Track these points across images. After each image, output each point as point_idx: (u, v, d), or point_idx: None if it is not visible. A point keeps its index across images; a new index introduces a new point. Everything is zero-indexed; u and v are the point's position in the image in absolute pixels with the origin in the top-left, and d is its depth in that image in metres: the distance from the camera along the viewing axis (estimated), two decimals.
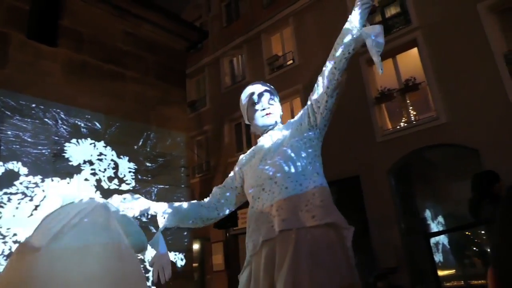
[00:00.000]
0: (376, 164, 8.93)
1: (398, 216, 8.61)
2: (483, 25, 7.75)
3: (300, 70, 11.02)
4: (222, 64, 13.68)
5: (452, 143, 8.14)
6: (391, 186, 8.84)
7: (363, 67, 9.71)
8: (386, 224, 8.47)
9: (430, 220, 10.10)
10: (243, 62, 13.20)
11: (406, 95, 9.25)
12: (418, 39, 8.84)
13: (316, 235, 1.33)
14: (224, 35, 13.73)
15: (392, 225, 8.48)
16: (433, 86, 8.49)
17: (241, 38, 13.03)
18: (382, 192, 8.76)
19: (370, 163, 9.03)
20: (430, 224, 9.98)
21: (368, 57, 10.23)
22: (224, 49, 13.57)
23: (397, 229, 8.46)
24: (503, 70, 7.38)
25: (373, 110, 9.32)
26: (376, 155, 9.00)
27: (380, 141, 9.08)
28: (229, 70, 13.78)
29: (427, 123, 8.54)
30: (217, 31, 13.87)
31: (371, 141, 9.15)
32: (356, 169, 9.23)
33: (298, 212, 1.40)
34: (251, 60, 12.66)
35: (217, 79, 13.63)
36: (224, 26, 13.98)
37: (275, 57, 12.15)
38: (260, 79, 10.20)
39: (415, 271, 7.98)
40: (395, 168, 8.93)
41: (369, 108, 9.36)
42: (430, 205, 10.34)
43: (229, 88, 13.26)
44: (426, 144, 8.51)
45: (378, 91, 9.52)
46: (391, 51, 9.43)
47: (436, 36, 8.56)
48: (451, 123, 8.05)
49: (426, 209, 10.16)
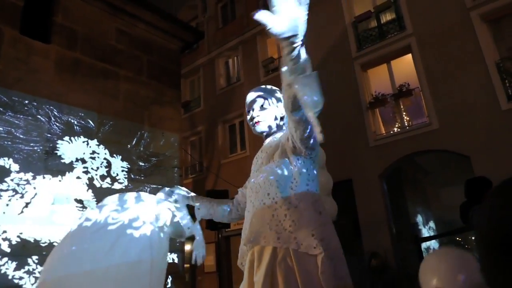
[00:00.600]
0: (368, 168, 8.98)
1: (389, 220, 8.66)
2: (476, 33, 7.85)
3: None
4: (217, 65, 13.68)
5: (444, 149, 8.22)
6: (383, 190, 8.89)
7: (357, 71, 9.78)
8: (377, 228, 8.52)
9: (421, 225, 10.18)
10: (239, 64, 13.21)
11: (399, 101, 9.33)
12: (412, 45, 8.92)
13: (284, 256, 1.34)
14: (219, 36, 13.74)
15: (383, 229, 8.53)
16: (426, 92, 8.57)
17: (236, 39, 13.04)
18: (374, 196, 8.81)
19: (362, 167, 9.08)
20: (421, 229, 10.06)
21: (362, 61, 10.31)
22: (220, 50, 13.56)
23: (388, 233, 8.51)
24: (495, 77, 7.48)
25: (366, 114, 9.38)
26: (368, 159, 9.05)
27: (372, 146, 9.14)
28: (224, 71, 13.78)
29: (420, 128, 8.61)
30: (212, 32, 13.87)
31: (364, 146, 9.21)
32: (348, 172, 9.27)
33: (267, 229, 1.41)
34: (247, 62, 12.68)
35: (212, 80, 13.62)
36: (220, 27, 13.99)
37: (270, 60, 12.18)
38: (255, 81, 10.22)
39: (404, 274, 8.03)
40: (387, 173, 8.99)
41: (363, 112, 9.41)
42: (421, 210, 10.42)
43: (224, 89, 13.26)
44: (418, 150, 8.58)
45: (372, 96, 9.59)
46: (386, 56, 9.51)
47: (430, 43, 8.65)
48: (443, 129, 8.13)
49: (418, 214, 10.23)
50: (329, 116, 10.11)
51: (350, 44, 9.96)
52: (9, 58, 4.04)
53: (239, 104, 12.41)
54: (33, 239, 3.67)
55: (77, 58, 4.67)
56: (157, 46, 5.75)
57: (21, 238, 3.60)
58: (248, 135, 12.03)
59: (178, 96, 5.98)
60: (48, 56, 4.39)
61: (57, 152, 4.10)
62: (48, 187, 3.89)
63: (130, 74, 5.21)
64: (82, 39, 4.77)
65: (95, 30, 4.97)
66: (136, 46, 5.42)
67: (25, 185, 3.74)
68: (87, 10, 4.94)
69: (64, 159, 4.11)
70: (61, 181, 4.00)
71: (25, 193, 3.72)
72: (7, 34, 4.09)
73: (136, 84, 5.23)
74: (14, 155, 3.75)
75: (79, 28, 4.78)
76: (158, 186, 4.89)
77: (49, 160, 3.99)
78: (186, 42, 6.30)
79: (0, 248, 3.44)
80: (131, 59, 5.30)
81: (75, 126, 4.33)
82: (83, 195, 4.15)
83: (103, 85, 4.83)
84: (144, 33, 5.57)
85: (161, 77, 5.64)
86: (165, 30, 5.83)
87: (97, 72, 4.81)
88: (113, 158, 4.57)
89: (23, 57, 4.16)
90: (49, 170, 3.96)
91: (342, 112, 9.74)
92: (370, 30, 9.90)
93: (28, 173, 3.80)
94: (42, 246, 3.72)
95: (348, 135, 9.50)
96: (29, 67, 4.17)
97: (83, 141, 4.35)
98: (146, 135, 5.00)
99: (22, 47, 4.18)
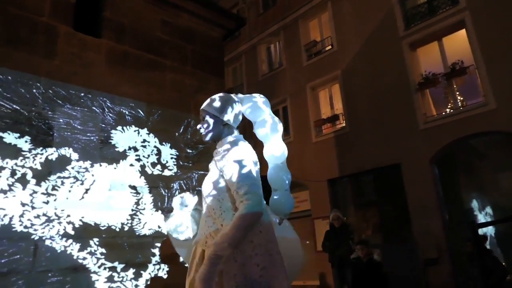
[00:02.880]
0: (418, 152, 8.64)
1: (441, 206, 8.32)
2: None
3: (339, 56, 10.77)
4: (259, 51, 13.64)
5: (502, 131, 7.71)
6: (434, 175, 8.53)
7: (405, 51, 9.34)
8: (428, 214, 8.22)
9: (477, 211, 9.68)
10: (280, 49, 13.09)
11: (452, 80, 8.82)
12: (466, 20, 8.35)
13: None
14: (260, 22, 13.65)
15: (434, 215, 8.22)
16: (482, 69, 8.02)
17: (278, 24, 12.90)
18: (424, 181, 8.47)
19: (412, 151, 8.75)
20: (477, 215, 9.56)
21: (410, 40, 9.84)
22: (261, 36, 13.50)
23: (439, 220, 8.18)
24: None
25: (416, 96, 8.98)
26: (418, 143, 8.70)
27: (422, 129, 8.76)
28: (266, 57, 13.72)
29: (475, 109, 8.12)
30: (253, 18, 13.81)
31: (414, 129, 8.85)
32: (397, 157, 8.98)
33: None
34: (289, 47, 12.52)
35: (254, 66, 13.62)
36: (261, 12, 13.88)
37: (313, 43, 11.94)
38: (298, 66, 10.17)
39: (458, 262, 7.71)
40: (438, 157, 8.60)
41: (412, 94, 9.01)
42: (476, 196, 9.89)
43: (266, 75, 13.23)
44: (473, 132, 8.11)
45: (422, 76, 9.15)
46: (437, 33, 8.99)
47: (485, 17, 8.05)
48: (501, 109, 7.60)
49: (473, 200, 9.73)
50: (375, 98, 9.79)
51: (397, 22, 9.51)
52: (65, 54, 4.29)
53: (282, 90, 12.34)
54: (94, 223, 3.94)
55: (126, 50, 4.86)
56: (200, 35, 5.83)
57: (83, 221, 3.87)
58: (292, 120, 11.97)
59: (222, 84, 6.06)
60: (100, 50, 4.61)
61: (111, 141, 4.33)
62: (104, 174, 4.14)
63: (175, 64, 5.34)
64: (129, 32, 4.95)
65: (141, 22, 5.13)
66: (180, 36, 5.53)
67: (84, 172, 4.01)
68: (133, 4, 5.10)
69: (118, 147, 4.34)
70: (116, 168, 4.24)
71: (84, 180, 3.99)
72: (62, 31, 4.33)
73: (181, 73, 5.36)
74: (74, 145, 4.01)
75: (127, 21, 4.96)
76: (206, 172, 5.02)
77: (104, 149, 4.24)
78: (228, 29, 6.33)
79: (65, 231, 3.74)
80: (175, 49, 5.43)
81: (126, 116, 4.54)
82: (136, 181, 4.38)
83: (151, 75, 5.00)
84: (187, 23, 5.67)
85: (205, 66, 5.73)
86: (207, 18, 5.89)
87: (144, 64, 4.98)
88: (163, 146, 4.75)
89: (77, 52, 4.40)
90: (104, 158, 4.21)
91: (389, 94, 9.39)
92: (419, 7, 9.37)
93: (87, 162, 4.06)
94: (101, 229, 3.99)
95: (396, 118, 9.16)
96: (82, 62, 4.41)
97: (134, 130, 4.55)
98: (193, 123, 5.13)
99: (76, 42, 4.42)
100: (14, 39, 3.94)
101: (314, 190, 10.51)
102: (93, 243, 3.90)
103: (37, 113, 3.86)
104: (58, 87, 4.09)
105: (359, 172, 9.81)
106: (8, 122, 3.66)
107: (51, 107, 3.98)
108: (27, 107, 3.82)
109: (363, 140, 9.70)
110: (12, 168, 3.57)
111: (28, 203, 3.59)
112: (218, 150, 1.81)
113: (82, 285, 3.73)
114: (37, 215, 3.61)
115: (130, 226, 4.20)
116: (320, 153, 10.65)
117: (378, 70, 9.66)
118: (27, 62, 3.95)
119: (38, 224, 3.60)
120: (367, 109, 9.77)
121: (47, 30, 4.21)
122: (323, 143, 10.85)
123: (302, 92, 11.63)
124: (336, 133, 10.63)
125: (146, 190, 4.43)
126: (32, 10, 4.14)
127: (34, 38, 4.08)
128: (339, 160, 10.27)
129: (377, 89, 9.57)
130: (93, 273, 3.83)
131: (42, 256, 3.56)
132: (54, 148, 3.87)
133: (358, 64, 10.12)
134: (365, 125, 9.77)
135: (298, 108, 11.73)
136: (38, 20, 4.16)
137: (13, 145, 3.64)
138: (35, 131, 3.80)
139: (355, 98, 10.15)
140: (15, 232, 3.46)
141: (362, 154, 9.58)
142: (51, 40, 4.22)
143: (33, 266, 3.50)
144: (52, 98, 4.00)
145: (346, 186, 10.52)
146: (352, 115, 10.22)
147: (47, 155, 3.81)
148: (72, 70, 4.28)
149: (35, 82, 3.93)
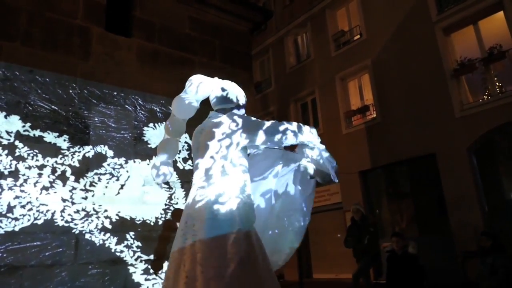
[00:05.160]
0: (454, 141, 8.32)
1: (480, 197, 7.99)
2: None
3: (368, 45, 10.50)
4: (286, 44, 13.53)
5: None
6: (471, 164, 8.19)
7: (439, 36, 8.98)
8: (466, 205, 7.93)
9: None
10: (308, 40, 12.92)
11: (490, 65, 8.40)
12: (505, 1, 7.90)
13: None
14: (287, 14, 13.52)
15: (472, 206, 7.91)
16: None
17: (305, 15, 12.73)
18: (461, 171, 8.16)
19: (447, 140, 8.44)
20: None
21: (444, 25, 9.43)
22: (288, 28, 13.38)
23: (478, 211, 7.87)
24: None
25: (451, 83, 8.63)
26: (454, 131, 8.38)
27: (459, 117, 8.42)
28: (294, 49, 13.59)
29: None
30: (280, 10, 13.70)
31: (449, 117, 8.52)
32: (432, 146, 8.69)
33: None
34: (316, 38, 12.34)
35: (281, 59, 13.54)
36: (287, 4, 13.74)
37: (341, 33, 11.71)
38: (326, 56, 9.98)
39: None
40: (476, 146, 8.25)
41: (447, 81, 8.67)
42: None
43: (294, 67, 13.11)
44: None
45: (457, 62, 8.77)
46: (472, 17, 8.57)
47: None
48: None
49: None
50: (407, 87, 9.50)
51: (430, 6, 9.14)
52: (98, 54, 4.44)
53: (311, 82, 12.20)
54: (129, 217, 4.09)
55: (156, 48, 4.96)
56: (227, 30, 5.86)
57: (119, 216, 4.02)
58: (321, 112, 11.83)
59: (250, 78, 6.07)
60: (131, 49, 4.74)
61: (144, 138, 4.45)
62: (138, 170, 4.27)
63: (204, 60, 5.40)
64: (159, 30, 5.05)
65: (170, 20, 5.22)
66: (208, 32, 5.58)
67: (119, 169, 4.15)
68: (161, 2, 5.19)
69: (150, 144, 4.46)
70: (149, 164, 4.36)
71: (120, 176, 4.14)
72: (95, 32, 4.48)
73: (210, 69, 5.41)
74: (109, 142, 4.16)
75: (156, 20, 5.06)
76: None
77: (138, 146, 4.37)
78: (255, 22, 6.32)
79: (103, 225, 3.90)
80: (204, 45, 5.48)
81: (157, 113, 4.65)
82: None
83: (180, 72, 5.07)
84: (214, 18, 5.71)
85: (233, 60, 5.75)
86: (234, 12, 5.90)
87: (174, 61, 5.07)
88: None
89: (109, 52, 4.54)
90: (138, 154, 4.34)
91: (422, 83, 9.08)
92: None
93: (121, 158, 4.20)
94: (137, 223, 4.13)
95: (430, 106, 8.85)
96: (115, 61, 4.55)
97: None
98: None
99: (108, 43, 4.56)
100: (51, 42, 4.12)
101: (345, 182, 10.37)
102: (129, 236, 4.04)
103: (74, 112, 4.03)
104: (93, 87, 4.24)
105: (392, 163, 9.58)
106: (48, 122, 3.85)
107: (87, 106, 4.14)
108: (64, 107, 3.99)
109: (395, 130, 9.45)
110: (52, 166, 3.76)
111: (68, 198, 3.77)
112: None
113: (121, 277, 3.89)
114: (76, 210, 3.78)
115: (164, 220, 4.31)
116: (351, 145, 10.48)
117: (410, 58, 9.35)
118: (63, 64, 4.12)
119: (78, 218, 3.78)
120: (399, 98, 9.49)
121: (81, 32, 4.37)
122: (353, 135, 10.66)
123: (331, 83, 11.45)
124: (366, 124, 10.42)
125: (178, 185, 4.53)
126: (67, 13, 4.30)
127: (69, 41, 4.24)
128: (370, 152, 10.07)
129: (409, 78, 9.28)
130: (130, 266, 3.97)
131: (83, 249, 3.74)
132: (91, 146, 4.03)
133: (388, 53, 9.84)
134: (397, 115, 9.51)
135: (327, 99, 11.57)
136: (72, 23, 4.32)
137: (53, 144, 3.82)
138: (73, 130, 3.97)
139: (386, 87, 9.88)
140: (57, 227, 3.65)
141: (395, 145, 9.35)
142: (85, 41, 4.37)
143: (75, 258, 3.68)
144: (87, 98, 4.17)
145: (378, 178, 10.31)
146: (384, 105, 9.97)
147: (84, 152, 3.98)
148: (105, 70, 4.42)
149: (71, 83, 4.10)
